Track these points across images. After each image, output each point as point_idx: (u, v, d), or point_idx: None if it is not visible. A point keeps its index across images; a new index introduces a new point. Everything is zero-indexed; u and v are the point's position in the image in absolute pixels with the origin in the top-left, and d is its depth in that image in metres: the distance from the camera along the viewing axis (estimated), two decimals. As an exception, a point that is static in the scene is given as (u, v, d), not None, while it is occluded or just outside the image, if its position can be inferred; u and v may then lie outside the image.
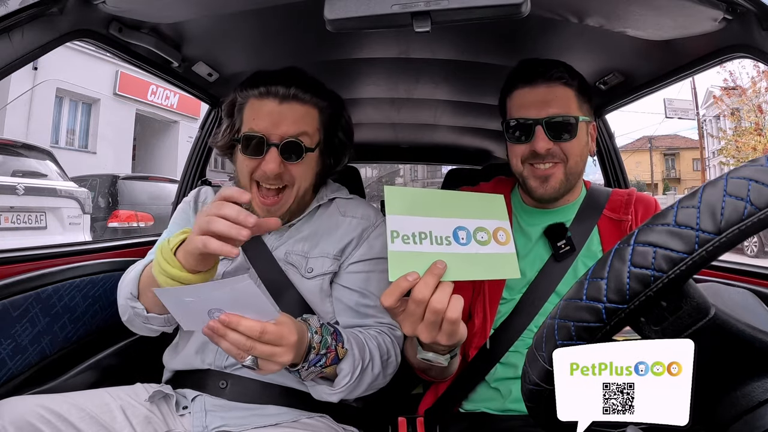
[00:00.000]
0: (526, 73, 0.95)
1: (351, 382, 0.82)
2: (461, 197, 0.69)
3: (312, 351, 0.76)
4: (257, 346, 0.67)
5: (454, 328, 0.64)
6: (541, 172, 0.94)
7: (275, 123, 0.90)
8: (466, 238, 0.65)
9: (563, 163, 0.94)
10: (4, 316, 0.91)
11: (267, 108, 0.91)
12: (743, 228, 0.35)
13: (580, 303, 0.39)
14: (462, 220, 0.66)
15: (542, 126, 0.92)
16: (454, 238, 0.65)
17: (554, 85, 0.93)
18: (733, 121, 17.61)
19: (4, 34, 0.75)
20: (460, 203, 0.68)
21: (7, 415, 0.75)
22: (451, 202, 0.67)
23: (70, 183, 5.39)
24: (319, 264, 0.95)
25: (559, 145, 0.93)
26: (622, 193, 1.04)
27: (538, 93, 0.93)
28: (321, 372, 0.79)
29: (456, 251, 0.64)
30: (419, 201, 0.65)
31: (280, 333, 0.68)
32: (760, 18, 0.80)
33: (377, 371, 0.86)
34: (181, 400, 0.92)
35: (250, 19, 1.07)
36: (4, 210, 4.55)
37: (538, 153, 0.92)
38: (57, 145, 9.32)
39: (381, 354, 0.87)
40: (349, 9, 0.71)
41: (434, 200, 0.66)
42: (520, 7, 0.68)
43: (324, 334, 0.78)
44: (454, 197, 0.68)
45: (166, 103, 11.75)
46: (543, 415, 0.45)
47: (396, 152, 2.65)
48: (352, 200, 1.06)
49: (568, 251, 0.94)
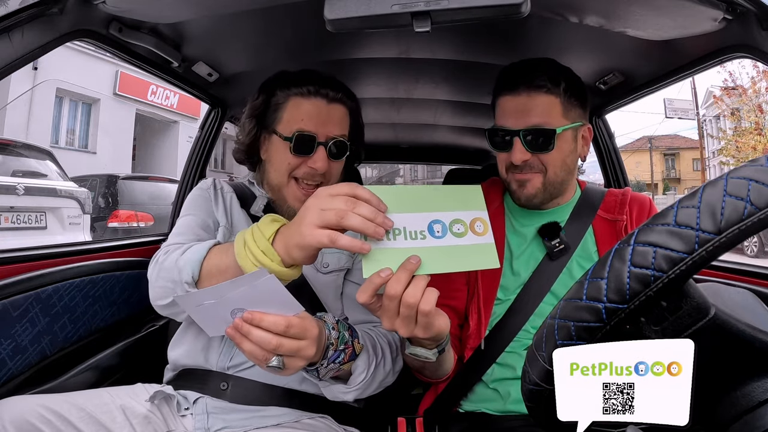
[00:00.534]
0: (509, 79, 0.94)
1: (366, 379, 0.81)
2: (437, 191, 0.69)
3: (330, 348, 0.74)
4: (284, 342, 0.64)
5: (429, 320, 0.64)
6: (519, 176, 0.95)
7: (323, 123, 0.93)
8: (441, 231, 0.65)
9: (542, 173, 0.94)
10: (4, 316, 0.91)
11: (316, 108, 0.94)
12: (743, 228, 0.35)
13: (580, 303, 0.40)
14: (437, 213, 0.66)
15: (519, 137, 0.91)
16: (429, 232, 0.65)
17: (535, 93, 0.91)
18: (733, 121, 17.61)
19: (4, 34, 0.75)
20: (436, 197, 0.67)
21: (7, 415, 0.75)
22: (427, 197, 0.67)
23: (70, 183, 5.38)
24: (334, 259, 0.96)
25: (537, 156, 0.92)
26: (617, 193, 1.04)
27: (518, 102, 0.92)
28: (339, 369, 0.78)
29: (431, 245, 0.64)
30: (394, 198, 0.65)
31: (304, 326, 0.67)
32: (760, 18, 0.80)
33: (388, 368, 0.86)
34: (182, 401, 0.92)
35: (250, 19, 1.07)
36: (4, 210, 4.55)
37: (513, 164, 0.93)
38: (57, 145, 9.32)
39: (391, 351, 0.87)
40: (349, 9, 0.71)
41: (409, 196, 0.66)
42: (520, 7, 0.68)
43: (341, 329, 0.77)
44: (430, 192, 0.68)
45: (166, 103, 11.75)
46: (543, 415, 0.45)
47: (396, 152, 2.65)
48: None
49: (562, 250, 0.94)
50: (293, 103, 0.95)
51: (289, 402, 0.90)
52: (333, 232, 0.62)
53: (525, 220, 1.02)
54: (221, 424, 0.87)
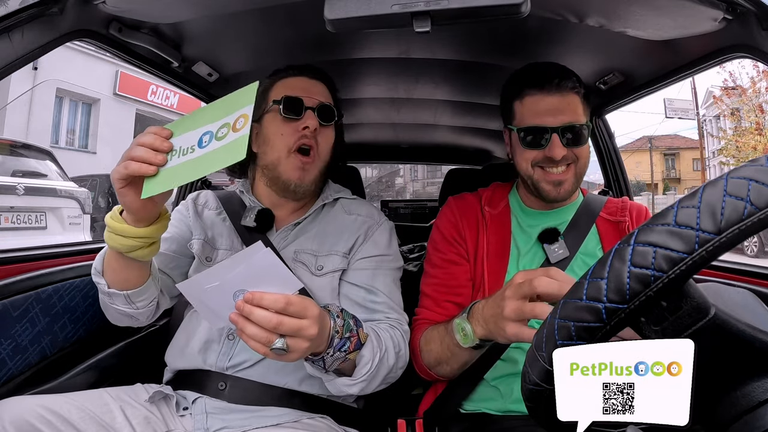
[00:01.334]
0: (538, 78, 0.97)
1: (371, 371, 0.81)
2: (217, 105, 0.70)
3: (336, 336, 0.75)
4: (284, 321, 0.65)
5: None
6: (554, 177, 0.98)
7: (309, 91, 0.99)
8: (208, 140, 0.67)
9: (574, 164, 0.98)
10: (4, 316, 0.91)
11: (301, 82, 1.01)
12: (743, 228, 0.35)
13: (580, 303, 0.39)
14: (210, 125, 0.68)
15: (558, 133, 0.95)
16: (198, 145, 0.67)
17: (566, 92, 0.96)
18: (733, 120, 17.61)
19: (4, 34, 0.75)
20: (214, 109, 0.69)
21: (7, 415, 0.75)
22: (207, 112, 0.70)
23: (70, 183, 5.38)
24: (329, 261, 0.96)
25: (571, 150, 0.96)
26: (616, 200, 1.10)
27: (551, 100, 0.96)
28: (345, 359, 0.78)
29: (196, 156, 0.66)
30: (181, 124, 0.70)
31: (304, 304, 0.67)
32: (760, 18, 0.80)
33: (392, 362, 0.86)
34: (181, 401, 0.92)
35: (250, 19, 1.07)
36: (4, 210, 4.55)
37: (553, 159, 0.95)
38: (57, 145, 9.32)
39: (394, 346, 0.87)
40: (349, 9, 0.71)
41: (194, 117, 0.70)
42: (520, 7, 0.68)
43: (345, 318, 0.78)
44: (212, 108, 0.70)
45: (166, 103, 11.75)
46: (543, 416, 0.45)
47: (396, 152, 2.65)
48: (356, 200, 1.08)
49: (561, 254, 0.97)
50: (279, 84, 1.01)
51: (289, 402, 0.90)
52: (126, 161, 0.69)
53: (530, 220, 1.04)
54: (220, 424, 0.87)
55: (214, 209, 1.06)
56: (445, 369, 0.91)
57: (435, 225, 1.08)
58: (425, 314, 1.00)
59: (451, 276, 1.01)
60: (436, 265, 1.04)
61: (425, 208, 3.09)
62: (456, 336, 0.81)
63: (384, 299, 0.95)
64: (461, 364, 0.89)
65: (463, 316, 0.81)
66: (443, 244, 1.04)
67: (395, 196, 24.88)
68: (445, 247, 1.03)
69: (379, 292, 0.95)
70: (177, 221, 1.04)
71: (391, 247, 1.02)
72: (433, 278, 1.03)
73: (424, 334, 0.95)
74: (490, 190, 1.11)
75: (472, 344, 0.80)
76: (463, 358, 0.87)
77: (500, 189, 1.10)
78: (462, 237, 1.03)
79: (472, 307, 0.81)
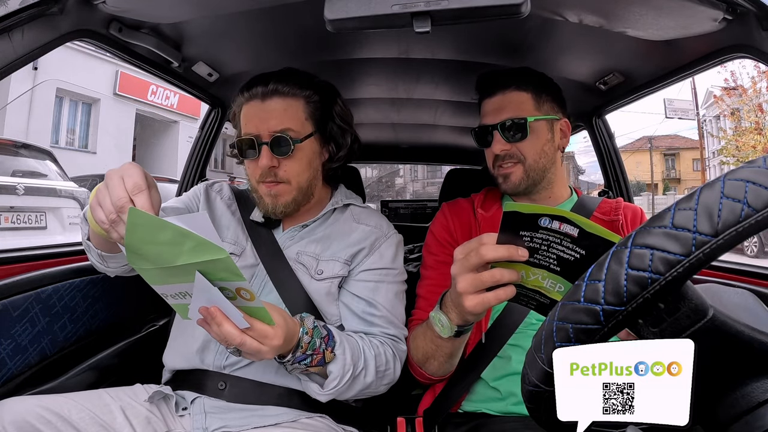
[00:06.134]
0: (485, 86, 1.05)
1: (339, 386, 0.83)
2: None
3: (299, 349, 0.78)
4: (246, 341, 0.69)
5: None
6: (503, 171, 1.03)
7: (262, 120, 0.92)
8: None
9: (521, 162, 1.02)
10: (4, 316, 0.91)
11: (252, 110, 0.94)
12: (740, 230, 0.35)
13: (577, 305, 0.40)
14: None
15: (497, 130, 1.01)
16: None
17: (508, 91, 1.02)
18: (733, 120, 17.59)
19: (4, 34, 0.75)
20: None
21: (7, 415, 0.75)
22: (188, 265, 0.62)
23: (70, 183, 5.38)
24: (329, 267, 0.96)
25: (515, 146, 1.01)
26: (611, 201, 1.11)
27: (494, 101, 1.03)
28: (306, 369, 0.82)
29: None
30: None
31: (265, 332, 0.70)
32: (760, 18, 0.80)
33: (369, 380, 0.87)
34: (180, 401, 0.92)
35: (250, 19, 1.07)
36: (4, 210, 4.54)
37: (496, 154, 1.02)
38: (57, 145, 9.32)
39: (378, 364, 0.87)
40: (349, 9, 0.71)
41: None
42: (520, 7, 0.68)
43: (314, 336, 0.79)
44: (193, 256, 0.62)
45: (166, 103, 11.75)
46: (543, 416, 0.45)
47: (396, 152, 2.65)
48: (366, 209, 1.07)
49: None
50: (242, 112, 0.97)
51: (288, 401, 0.90)
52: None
53: None
54: (219, 424, 0.87)
55: (226, 199, 1.07)
56: (433, 364, 0.91)
57: (429, 230, 1.10)
58: (419, 315, 1.01)
59: (444, 276, 1.00)
60: (430, 267, 1.05)
61: (426, 208, 3.09)
62: (435, 328, 0.82)
63: (384, 313, 0.94)
64: (446, 356, 0.88)
65: (437, 307, 0.82)
66: (436, 247, 1.06)
67: (395, 196, 24.89)
68: (438, 250, 1.05)
69: (379, 305, 0.94)
70: (188, 198, 1.07)
71: (397, 261, 1.00)
72: (427, 280, 1.04)
73: (411, 333, 0.96)
74: (482, 194, 1.13)
75: (451, 333, 0.80)
76: (447, 350, 0.87)
77: (493, 192, 1.13)
78: (455, 239, 1.04)
79: (443, 297, 0.82)
